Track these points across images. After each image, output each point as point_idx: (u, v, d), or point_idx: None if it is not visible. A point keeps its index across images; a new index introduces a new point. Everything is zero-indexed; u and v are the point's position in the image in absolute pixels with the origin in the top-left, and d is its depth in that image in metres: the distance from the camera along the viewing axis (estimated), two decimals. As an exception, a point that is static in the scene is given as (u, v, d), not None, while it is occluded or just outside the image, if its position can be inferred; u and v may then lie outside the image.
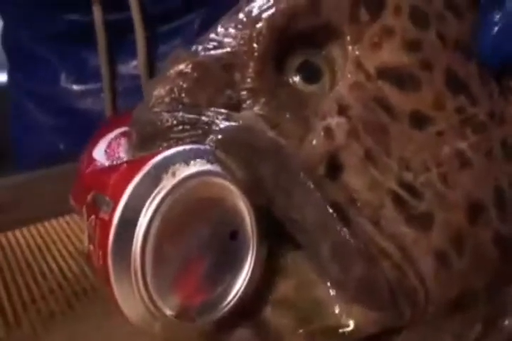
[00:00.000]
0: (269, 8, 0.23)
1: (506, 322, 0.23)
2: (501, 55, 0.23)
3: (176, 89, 0.22)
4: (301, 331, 0.22)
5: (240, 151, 0.22)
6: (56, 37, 0.56)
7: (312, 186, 0.21)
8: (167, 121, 0.22)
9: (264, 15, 0.23)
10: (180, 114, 0.22)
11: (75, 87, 0.58)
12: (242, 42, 0.22)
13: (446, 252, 0.22)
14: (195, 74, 0.22)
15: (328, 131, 0.22)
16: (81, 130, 0.55)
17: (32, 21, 0.57)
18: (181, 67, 0.22)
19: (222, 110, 0.22)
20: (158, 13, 0.54)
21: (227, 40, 0.23)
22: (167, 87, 0.22)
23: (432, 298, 0.22)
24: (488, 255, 0.23)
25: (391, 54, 0.23)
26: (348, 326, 0.22)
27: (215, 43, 0.23)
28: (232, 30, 0.23)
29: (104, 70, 0.55)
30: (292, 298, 0.23)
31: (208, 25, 0.24)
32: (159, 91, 0.22)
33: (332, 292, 0.22)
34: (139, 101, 0.26)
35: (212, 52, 0.22)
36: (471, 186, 0.22)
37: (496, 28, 0.23)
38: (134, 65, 0.56)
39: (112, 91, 0.56)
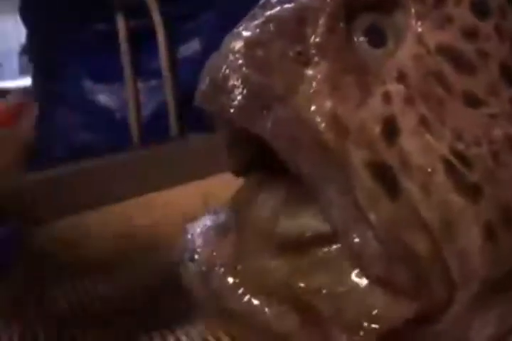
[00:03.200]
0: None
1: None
2: None
3: (250, 41, 0.23)
4: (338, 319, 0.21)
5: (284, 146, 0.22)
6: (81, 44, 0.59)
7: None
8: (233, 79, 0.23)
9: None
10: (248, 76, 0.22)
11: (98, 86, 0.59)
12: (314, 1, 0.23)
13: (495, 226, 0.21)
14: (271, 27, 0.23)
15: (387, 96, 0.22)
16: (105, 127, 0.58)
17: (57, 30, 0.60)
18: (256, 21, 0.23)
19: (294, 66, 0.22)
20: (176, 15, 0.57)
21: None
22: (242, 38, 0.23)
23: (475, 275, 0.21)
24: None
25: (450, 37, 0.24)
26: (383, 314, 0.21)
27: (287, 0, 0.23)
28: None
29: (127, 70, 0.57)
30: (330, 288, 0.22)
31: (226, 22, 0.25)
32: (234, 43, 0.23)
33: (364, 281, 0.22)
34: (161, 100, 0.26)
35: (286, 5, 0.23)
36: None
37: None
38: (156, 64, 0.58)
39: (135, 91, 0.57)
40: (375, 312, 0.21)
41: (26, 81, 0.81)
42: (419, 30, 0.24)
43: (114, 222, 0.44)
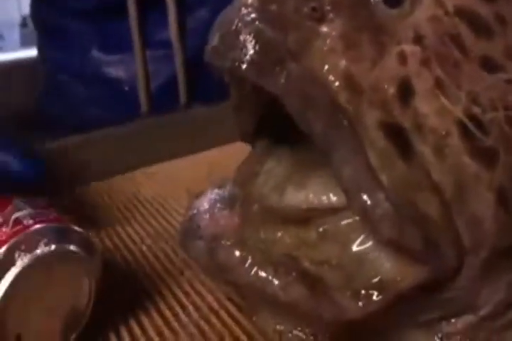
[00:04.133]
0: None
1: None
2: None
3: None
4: (347, 288, 0.21)
5: (297, 104, 0.21)
6: (88, 11, 0.58)
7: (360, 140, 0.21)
8: (245, 33, 0.22)
9: None
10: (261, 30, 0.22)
11: (107, 57, 0.59)
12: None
13: (509, 193, 0.20)
14: None
15: (402, 57, 0.22)
16: (113, 98, 0.57)
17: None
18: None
19: (308, 22, 0.22)
20: None
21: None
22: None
23: (486, 241, 0.20)
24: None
25: (469, 1, 0.23)
26: (391, 281, 0.21)
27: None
28: None
29: (136, 40, 0.56)
30: (337, 259, 0.22)
31: None
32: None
33: (374, 249, 0.22)
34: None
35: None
36: None
37: None
38: (164, 35, 0.57)
39: (144, 59, 0.57)
40: (383, 278, 0.21)
41: (28, 52, 0.79)
42: None
43: (120, 193, 0.43)
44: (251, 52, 0.22)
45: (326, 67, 0.21)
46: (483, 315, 0.23)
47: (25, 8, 0.69)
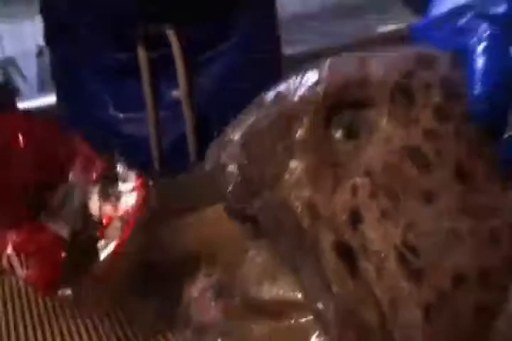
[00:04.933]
0: (329, 77, 0.28)
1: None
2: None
3: (246, 133, 0.27)
4: None
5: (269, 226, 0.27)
6: (105, 72, 0.63)
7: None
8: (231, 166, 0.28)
9: (324, 82, 0.28)
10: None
11: (122, 115, 0.64)
12: (302, 101, 0.28)
13: (432, 307, 0.26)
14: (264, 123, 0.27)
15: (354, 189, 0.27)
16: (128, 154, 0.62)
17: (84, 59, 0.64)
18: (252, 118, 0.28)
19: (280, 158, 0.27)
20: (194, 45, 0.61)
21: (290, 98, 0.28)
22: (240, 131, 0.27)
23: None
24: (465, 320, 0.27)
25: (414, 137, 0.28)
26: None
27: (279, 98, 0.28)
28: (293, 92, 0.28)
29: (149, 100, 0.62)
30: None
31: (243, 52, 0.29)
32: (233, 134, 0.27)
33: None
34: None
35: (277, 105, 0.28)
36: (460, 259, 0.27)
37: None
38: (175, 94, 0.62)
39: (156, 118, 0.62)
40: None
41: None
42: (388, 129, 0.28)
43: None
44: (234, 183, 0.27)
45: (293, 196, 0.27)
46: None
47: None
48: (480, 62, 0.29)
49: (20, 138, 0.32)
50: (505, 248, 0.28)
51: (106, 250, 0.31)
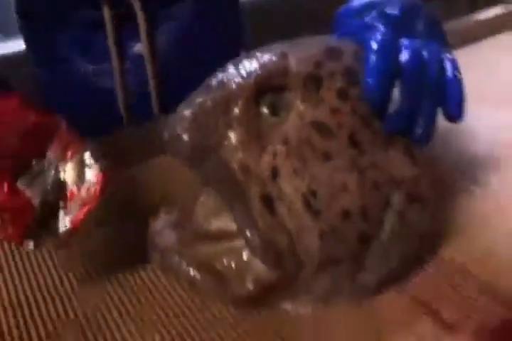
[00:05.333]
0: (258, 68, 0.38)
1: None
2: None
3: (195, 112, 0.37)
4: (240, 279, 0.38)
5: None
6: (72, 28, 0.69)
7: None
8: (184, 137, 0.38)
9: (254, 73, 0.38)
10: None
11: (90, 67, 0.71)
12: (238, 87, 0.37)
13: (326, 234, 0.37)
14: (209, 103, 0.37)
15: (275, 153, 0.38)
16: (94, 106, 0.69)
17: (50, 15, 0.70)
18: (200, 99, 0.37)
19: (221, 130, 0.37)
20: (155, 3, 0.68)
21: (228, 85, 0.38)
22: (190, 109, 0.37)
23: (314, 259, 0.37)
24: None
25: (321, 114, 0.38)
26: (262, 276, 0.38)
27: (221, 84, 0.38)
28: (232, 78, 0.38)
29: (114, 54, 0.68)
30: (235, 264, 0.39)
31: (199, 11, 0.38)
32: (185, 111, 0.37)
33: (252, 259, 0.38)
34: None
35: (219, 90, 0.37)
36: (347, 201, 0.38)
37: None
38: (138, 48, 0.68)
39: (121, 70, 0.69)
40: (258, 275, 0.38)
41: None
42: (301, 107, 0.38)
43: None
44: (187, 150, 0.37)
45: (231, 159, 0.37)
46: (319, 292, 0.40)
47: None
48: (372, 58, 0.39)
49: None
50: (382, 194, 0.39)
51: (65, 219, 0.39)
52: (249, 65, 0.38)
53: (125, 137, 0.62)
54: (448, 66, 0.42)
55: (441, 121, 0.45)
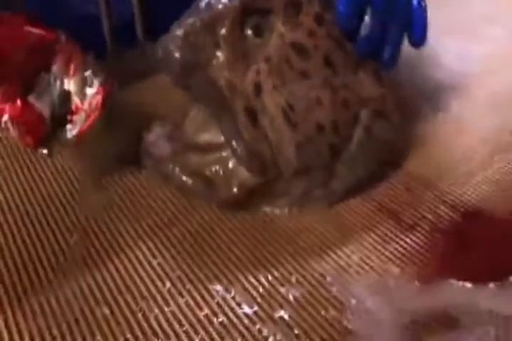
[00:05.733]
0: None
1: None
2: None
3: (186, 31, 0.41)
4: (226, 184, 0.43)
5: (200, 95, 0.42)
6: None
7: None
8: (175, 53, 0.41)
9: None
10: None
11: None
12: (225, 8, 0.41)
13: (302, 144, 0.42)
14: (198, 24, 0.41)
15: (257, 71, 0.42)
16: (81, 31, 0.70)
17: None
18: (190, 20, 0.41)
19: (210, 49, 0.41)
20: None
21: (216, 7, 0.41)
22: (181, 29, 0.41)
23: (291, 166, 0.43)
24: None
25: (299, 36, 0.43)
26: (246, 181, 0.43)
27: (209, 5, 0.41)
28: (220, 0, 0.41)
29: None
30: (223, 170, 0.44)
31: None
32: (177, 31, 0.41)
33: (238, 167, 0.43)
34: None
35: (208, 11, 0.41)
36: (321, 115, 0.43)
37: None
38: None
39: None
40: (242, 180, 0.43)
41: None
42: (282, 29, 0.42)
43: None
44: (178, 66, 0.41)
45: (218, 76, 0.41)
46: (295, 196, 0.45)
47: None
48: None
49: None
50: (351, 111, 0.44)
51: (72, 132, 0.44)
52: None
53: (110, 62, 0.66)
54: None
55: (409, 48, 0.49)
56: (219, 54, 0.41)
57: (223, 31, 0.41)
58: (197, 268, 0.42)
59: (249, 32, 0.42)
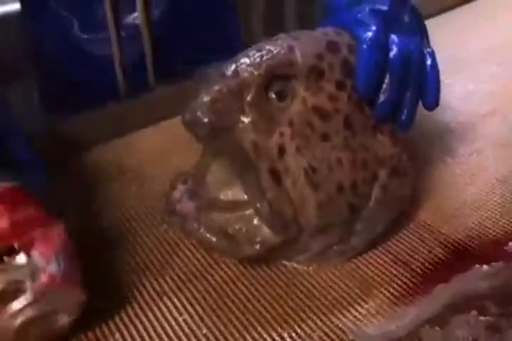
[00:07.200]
0: (269, 59, 0.44)
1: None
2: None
3: (213, 97, 0.43)
4: (249, 241, 0.45)
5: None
6: None
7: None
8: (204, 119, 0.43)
9: (265, 63, 0.44)
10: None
11: (86, 36, 0.74)
12: (251, 76, 0.43)
13: (323, 203, 0.45)
14: (225, 90, 0.43)
15: (281, 134, 0.44)
16: (91, 76, 0.72)
17: None
18: (217, 87, 0.43)
19: (235, 114, 0.44)
20: None
21: (242, 74, 0.43)
22: (209, 95, 0.43)
23: (312, 224, 0.45)
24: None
25: (320, 101, 0.45)
26: (267, 239, 0.45)
27: (235, 73, 0.43)
28: (244, 68, 0.44)
29: (110, 21, 0.71)
30: (246, 229, 0.46)
31: None
32: (205, 97, 0.43)
33: (261, 225, 0.45)
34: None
35: (233, 78, 0.43)
36: (341, 176, 0.45)
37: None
38: (134, 16, 0.73)
39: (119, 39, 0.73)
40: (265, 238, 0.45)
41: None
42: (304, 94, 0.45)
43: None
44: (206, 130, 0.43)
45: (243, 138, 0.44)
46: (315, 252, 0.48)
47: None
48: (365, 56, 0.45)
49: None
50: (369, 171, 0.47)
51: None
52: (261, 56, 0.44)
53: (121, 107, 0.68)
54: (428, 59, 0.49)
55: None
56: (244, 119, 0.44)
57: (249, 97, 0.44)
58: (222, 326, 0.44)
59: (272, 96, 0.45)
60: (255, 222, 0.46)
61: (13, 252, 0.38)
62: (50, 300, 0.38)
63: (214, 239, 0.46)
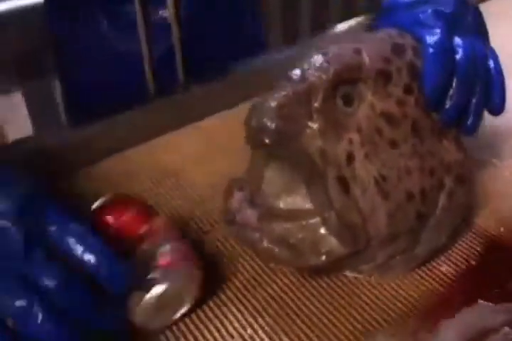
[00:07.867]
0: (336, 63, 0.42)
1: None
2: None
3: (280, 103, 0.41)
4: (313, 251, 0.44)
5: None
6: None
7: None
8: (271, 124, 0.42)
9: (332, 67, 0.42)
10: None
11: (115, 33, 0.73)
12: (318, 80, 0.42)
13: (393, 212, 0.43)
14: (292, 96, 0.41)
15: (350, 140, 0.43)
16: (120, 71, 0.70)
17: None
18: (283, 92, 0.41)
19: (303, 120, 0.42)
20: None
21: (310, 78, 0.42)
22: (276, 101, 0.41)
23: (381, 233, 0.44)
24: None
25: (388, 106, 0.44)
26: (335, 250, 0.43)
27: (302, 77, 0.42)
28: (311, 72, 0.42)
29: (139, 19, 0.69)
30: (310, 239, 0.44)
31: None
32: (271, 103, 0.41)
33: (328, 235, 0.44)
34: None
35: (301, 82, 0.42)
36: (410, 184, 0.44)
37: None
38: (165, 15, 0.71)
39: (148, 37, 0.71)
40: (331, 248, 0.44)
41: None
42: (372, 99, 0.43)
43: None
44: (272, 136, 0.42)
45: (310, 145, 0.42)
46: (379, 262, 0.47)
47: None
48: (432, 60, 0.44)
49: None
50: (436, 178, 0.45)
51: None
52: (327, 60, 0.42)
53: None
54: (492, 62, 0.47)
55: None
56: (311, 124, 0.42)
57: (316, 102, 0.42)
58: (288, 340, 0.43)
59: (339, 101, 0.43)
60: (321, 231, 0.44)
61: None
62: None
63: (276, 249, 0.44)
